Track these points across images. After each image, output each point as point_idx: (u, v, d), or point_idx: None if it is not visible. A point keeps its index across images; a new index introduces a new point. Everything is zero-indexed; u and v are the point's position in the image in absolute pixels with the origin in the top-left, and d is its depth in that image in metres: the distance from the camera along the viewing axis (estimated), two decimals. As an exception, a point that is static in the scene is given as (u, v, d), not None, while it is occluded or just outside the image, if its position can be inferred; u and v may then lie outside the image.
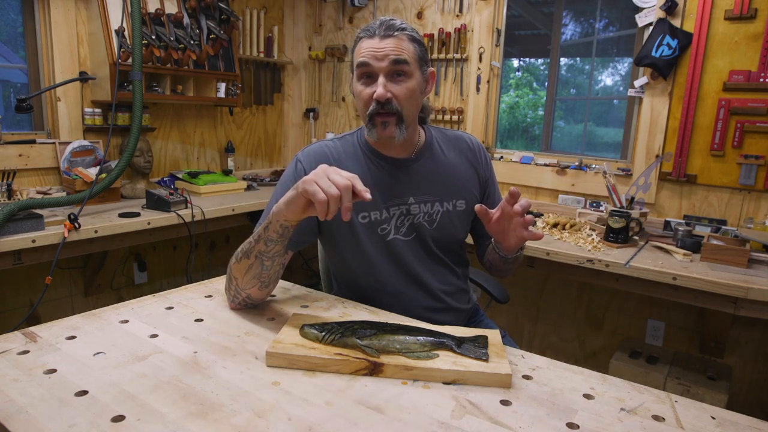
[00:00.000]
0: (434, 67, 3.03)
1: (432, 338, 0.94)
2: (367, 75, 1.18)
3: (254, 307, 1.16)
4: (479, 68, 2.92)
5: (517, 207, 1.08)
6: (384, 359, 0.88)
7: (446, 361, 0.89)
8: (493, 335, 1.00)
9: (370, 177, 1.26)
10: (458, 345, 0.93)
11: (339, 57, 3.48)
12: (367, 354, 0.89)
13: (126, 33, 2.41)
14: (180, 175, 2.88)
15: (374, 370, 0.88)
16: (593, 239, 2.12)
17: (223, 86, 2.93)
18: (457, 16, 2.97)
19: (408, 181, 1.28)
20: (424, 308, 1.30)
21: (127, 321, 1.05)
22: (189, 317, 1.09)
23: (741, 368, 2.34)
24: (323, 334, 0.94)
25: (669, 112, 2.39)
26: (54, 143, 2.48)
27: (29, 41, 2.50)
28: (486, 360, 0.89)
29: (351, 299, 1.27)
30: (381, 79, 1.15)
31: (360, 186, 0.93)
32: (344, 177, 0.93)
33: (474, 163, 1.37)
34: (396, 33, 1.16)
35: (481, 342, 0.95)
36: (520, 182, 2.84)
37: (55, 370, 0.85)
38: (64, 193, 2.36)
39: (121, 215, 2.20)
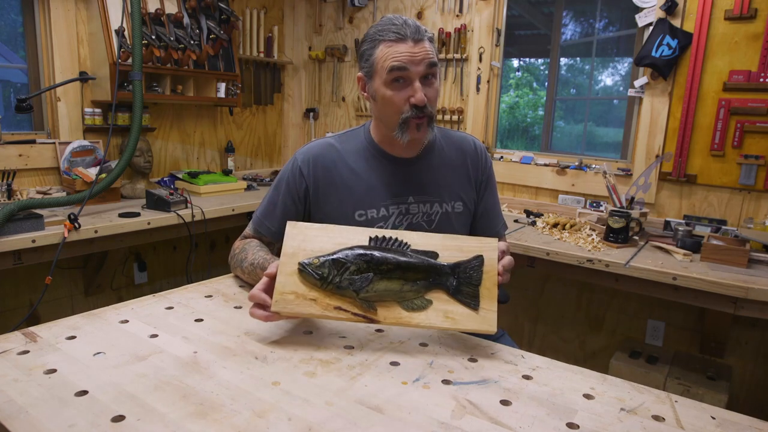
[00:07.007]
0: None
1: (426, 281, 1.00)
2: (399, 79, 1.15)
3: None
4: (479, 68, 2.91)
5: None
6: (380, 314, 0.97)
7: (438, 312, 0.98)
8: (489, 260, 1.01)
9: (373, 175, 1.27)
10: (453, 283, 0.99)
11: (339, 57, 3.47)
12: (364, 309, 0.97)
13: (126, 33, 2.41)
14: (180, 175, 2.88)
15: (371, 322, 0.98)
16: (593, 239, 2.12)
17: (223, 86, 2.93)
18: (457, 16, 2.97)
19: (409, 181, 1.28)
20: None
21: (127, 321, 1.05)
22: (189, 317, 1.09)
23: (741, 368, 2.34)
24: (321, 282, 0.97)
25: (669, 112, 2.39)
26: (54, 143, 2.48)
27: (29, 41, 2.50)
28: (476, 310, 0.97)
29: None
30: (418, 84, 1.15)
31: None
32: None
33: (474, 166, 1.36)
34: (423, 36, 1.16)
35: (476, 267, 1.00)
36: (520, 182, 2.84)
37: (55, 370, 0.85)
38: (64, 193, 2.36)
39: (121, 215, 2.20)
